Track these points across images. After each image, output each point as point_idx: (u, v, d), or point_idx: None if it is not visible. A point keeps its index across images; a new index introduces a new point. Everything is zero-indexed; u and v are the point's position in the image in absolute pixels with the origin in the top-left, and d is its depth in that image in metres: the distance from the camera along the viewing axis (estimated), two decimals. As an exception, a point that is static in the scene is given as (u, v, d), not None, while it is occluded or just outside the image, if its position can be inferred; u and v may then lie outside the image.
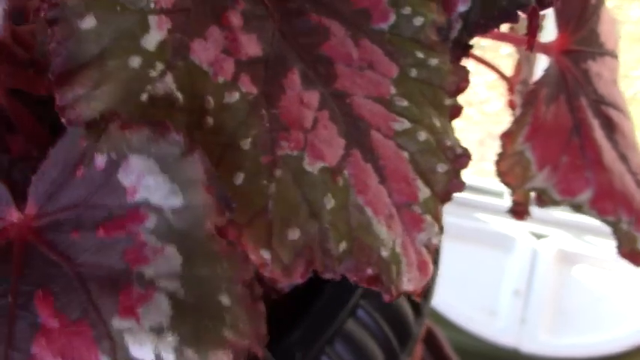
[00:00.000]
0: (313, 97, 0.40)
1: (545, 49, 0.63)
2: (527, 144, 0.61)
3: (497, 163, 0.61)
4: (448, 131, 0.43)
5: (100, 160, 0.33)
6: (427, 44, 0.43)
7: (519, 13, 0.47)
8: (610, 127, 0.66)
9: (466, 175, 0.43)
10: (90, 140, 0.33)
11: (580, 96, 0.65)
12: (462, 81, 0.44)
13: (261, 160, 0.38)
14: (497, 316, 1.37)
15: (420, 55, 0.43)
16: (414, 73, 0.43)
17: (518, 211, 0.65)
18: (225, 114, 0.37)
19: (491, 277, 1.42)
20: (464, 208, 1.49)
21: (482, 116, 1.74)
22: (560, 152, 0.63)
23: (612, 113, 0.67)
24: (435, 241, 0.42)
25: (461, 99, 0.45)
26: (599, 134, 0.65)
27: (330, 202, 0.38)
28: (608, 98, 0.67)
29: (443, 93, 0.43)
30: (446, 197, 0.42)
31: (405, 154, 0.41)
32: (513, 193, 0.63)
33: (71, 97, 0.34)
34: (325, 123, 0.40)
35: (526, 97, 0.62)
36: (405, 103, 0.42)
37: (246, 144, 0.37)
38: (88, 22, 0.34)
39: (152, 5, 0.36)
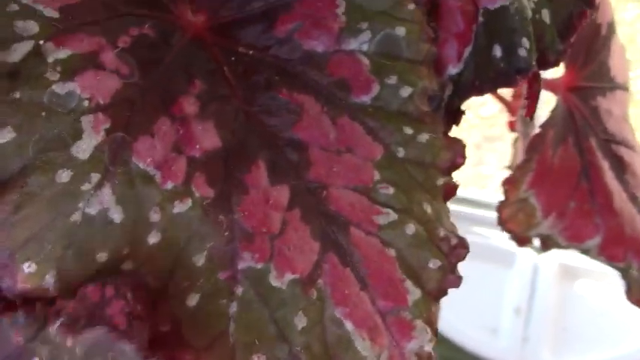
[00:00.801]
0: (282, 193, 0.34)
1: (552, 86, 0.58)
2: (532, 190, 0.56)
3: (500, 210, 0.57)
4: (442, 217, 0.38)
5: None
6: (416, 117, 0.37)
7: (518, 77, 0.41)
8: (620, 167, 0.61)
9: (463, 185, 0.38)
10: (26, 338, 0.28)
11: (589, 136, 0.60)
12: (457, 157, 0.38)
13: (219, 276, 0.32)
14: (498, 334, 1.33)
15: (409, 130, 0.37)
16: (401, 152, 0.37)
17: (521, 239, 0.61)
18: (174, 226, 0.32)
19: (491, 294, 1.37)
20: (462, 222, 1.42)
21: (479, 120, 1.70)
22: (567, 197, 0.58)
23: (623, 152, 0.62)
24: (427, 348, 0.36)
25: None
26: (609, 176, 0.60)
27: (301, 321, 0.33)
28: (619, 136, 0.62)
29: (435, 172, 0.38)
30: (439, 295, 0.37)
31: (392, 252, 0.36)
32: (516, 240, 0.58)
33: (-13, 226, 0.29)
34: (296, 225, 0.34)
35: (531, 142, 0.56)
36: (391, 190, 0.36)
37: (200, 259, 0.32)
38: (5, 135, 0.29)
39: (86, 103, 0.31)
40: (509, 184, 0.52)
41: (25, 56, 0.31)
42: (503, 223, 0.54)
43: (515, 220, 0.55)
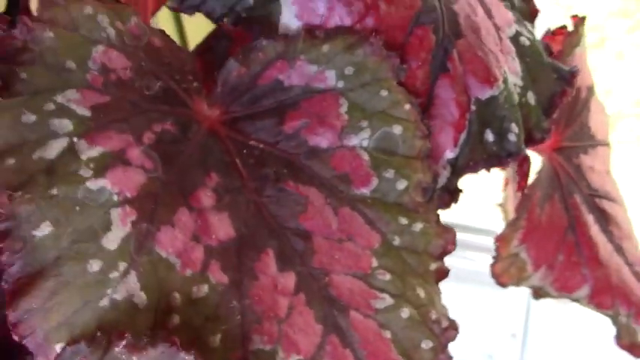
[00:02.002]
0: (289, 280, 0.38)
1: (538, 148, 0.62)
2: (522, 246, 0.60)
3: (493, 265, 0.60)
4: (434, 300, 0.41)
5: None
6: (411, 207, 0.41)
7: (509, 160, 0.45)
8: (605, 220, 0.65)
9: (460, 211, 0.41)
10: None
11: (574, 192, 0.64)
12: (448, 244, 0.42)
13: (231, 357, 0.35)
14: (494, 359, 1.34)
15: (404, 220, 0.41)
16: (397, 241, 0.40)
17: None
18: (192, 310, 0.35)
19: (487, 319, 1.39)
20: (457, 247, 1.45)
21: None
22: (556, 251, 0.62)
23: (606, 205, 0.66)
24: None
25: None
26: (594, 229, 0.64)
27: (305, 399, 0.36)
28: (602, 190, 0.66)
29: (428, 258, 0.41)
30: (431, 374, 0.40)
31: (388, 334, 0.39)
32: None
33: (24, 310, 0.32)
34: (301, 309, 0.37)
35: (520, 202, 0.60)
36: (388, 276, 0.40)
37: (215, 340, 0.35)
38: (44, 229, 0.32)
39: (115, 198, 0.34)
40: (501, 240, 0.56)
41: (61, 153, 0.34)
42: (496, 277, 0.57)
43: (508, 274, 0.58)
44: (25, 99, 0.35)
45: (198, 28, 0.54)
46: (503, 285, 0.62)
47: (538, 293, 0.63)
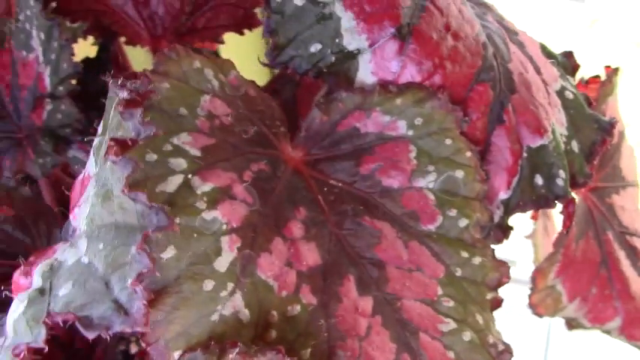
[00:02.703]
0: (367, 303, 0.43)
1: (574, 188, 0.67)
2: (558, 279, 0.65)
3: (530, 296, 0.65)
4: (490, 326, 0.46)
5: None
6: (471, 243, 0.46)
7: (557, 202, 0.50)
8: (636, 256, 0.70)
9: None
10: None
11: (607, 230, 0.68)
12: (503, 277, 0.47)
13: (319, 369, 0.40)
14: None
15: (465, 254, 0.46)
16: (459, 272, 0.46)
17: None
18: (287, 326, 0.40)
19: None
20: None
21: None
22: (589, 284, 0.66)
23: (636, 242, 0.70)
24: None
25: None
26: (625, 264, 0.69)
27: (382, 408, 0.41)
28: (632, 228, 0.71)
29: (485, 289, 0.46)
30: (488, 392, 0.45)
31: (452, 354, 0.44)
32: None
33: (151, 322, 0.37)
34: (378, 329, 0.42)
35: (557, 238, 0.66)
36: (451, 303, 0.45)
37: (306, 354, 0.40)
38: (169, 252, 0.38)
39: (224, 227, 0.40)
40: (538, 273, 0.60)
41: (178, 187, 0.40)
42: (533, 307, 0.62)
43: (544, 305, 0.63)
44: (147, 142, 0.41)
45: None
46: (539, 315, 0.66)
47: (571, 324, 0.68)
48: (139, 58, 0.74)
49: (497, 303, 0.47)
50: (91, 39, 0.68)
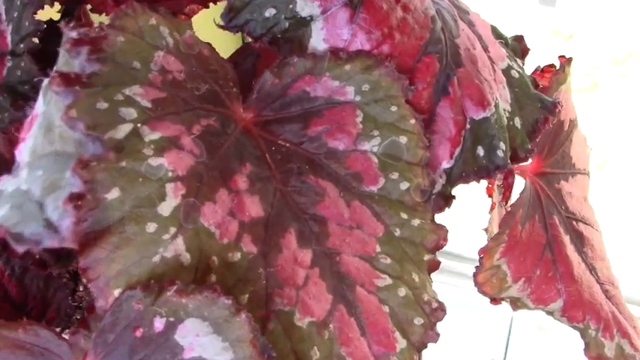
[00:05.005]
0: (307, 255, 0.45)
1: (521, 172, 0.69)
2: (504, 259, 0.67)
3: (476, 275, 0.67)
4: (426, 285, 0.48)
5: (159, 323, 0.38)
6: (411, 205, 0.48)
7: (497, 172, 0.52)
8: (580, 241, 0.72)
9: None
10: (145, 304, 0.38)
11: (553, 214, 0.71)
12: (440, 239, 0.49)
13: (256, 314, 0.42)
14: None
15: (405, 215, 0.48)
16: (397, 232, 0.48)
17: (494, 300, 0.70)
18: (227, 272, 0.42)
19: (467, 345, 1.43)
20: (438, 274, 1.51)
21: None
22: (534, 266, 0.68)
23: (582, 228, 0.73)
24: (409, 387, 0.46)
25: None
26: (570, 249, 0.71)
27: (315, 354, 0.43)
28: (579, 214, 0.73)
29: (423, 250, 0.48)
30: (421, 347, 0.47)
31: (386, 309, 0.46)
32: (490, 301, 0.68)
33: (93, 259, 0.38)
34: (315, 280, 0.44)
35: (503, 219, 0.67)
36: (388, 260, 0.47)
37: (243, 299, 0.42)
38: (113, 193, 0.39)
39: (170, 174, 0.41)
40: (484, 252, 0.62)
41: (127, 135, 0.42)
42: (478, 286, 0.64)
43: (490, 284, 0.65)
44: (99, 90, 0.42)
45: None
46: (484, 294, 0.68)
47: (516, 304, 0.70)
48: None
49: (434, 265, 0.49)
50: (58, 7, 0.69)
